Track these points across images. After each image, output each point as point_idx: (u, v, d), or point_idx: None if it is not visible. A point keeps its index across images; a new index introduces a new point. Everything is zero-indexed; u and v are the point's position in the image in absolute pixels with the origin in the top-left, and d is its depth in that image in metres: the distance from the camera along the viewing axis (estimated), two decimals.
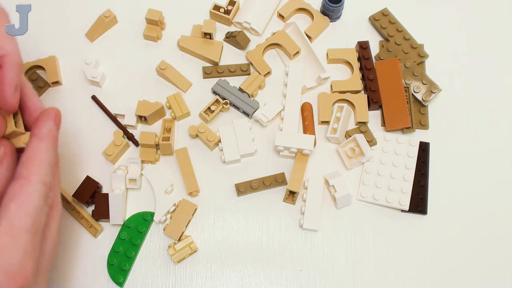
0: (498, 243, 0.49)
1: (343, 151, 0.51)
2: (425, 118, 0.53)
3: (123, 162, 0.51)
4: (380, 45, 0.56)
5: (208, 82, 0.54)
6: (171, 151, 0.51)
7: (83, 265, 0.47)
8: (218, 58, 0.55)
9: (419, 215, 0.49)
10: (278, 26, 0.57)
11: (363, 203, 0.50)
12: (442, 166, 0.51)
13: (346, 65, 0.55)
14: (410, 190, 0.49)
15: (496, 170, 0.51)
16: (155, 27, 0.56)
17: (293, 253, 0.48)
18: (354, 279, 0.47)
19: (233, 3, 0.56)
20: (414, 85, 0.53)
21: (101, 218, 0.48)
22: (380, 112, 0.53)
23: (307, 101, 0.53)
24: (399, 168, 0.50)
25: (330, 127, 0.51)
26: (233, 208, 0.50)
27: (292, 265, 0.47)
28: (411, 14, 0.58)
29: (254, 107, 0.52)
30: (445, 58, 0.56)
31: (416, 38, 0.56)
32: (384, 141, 0.51)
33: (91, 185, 0.49)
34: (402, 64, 0.54)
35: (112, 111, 0.52)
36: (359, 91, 0.53)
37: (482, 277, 0.47)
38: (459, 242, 0.48)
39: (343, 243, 0.48)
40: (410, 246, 0.48)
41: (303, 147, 0.48)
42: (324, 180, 0.49)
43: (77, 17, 0.57)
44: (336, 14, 0.56)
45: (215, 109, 0.51)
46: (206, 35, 0.55)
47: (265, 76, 0.54)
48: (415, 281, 0.47)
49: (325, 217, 0.49)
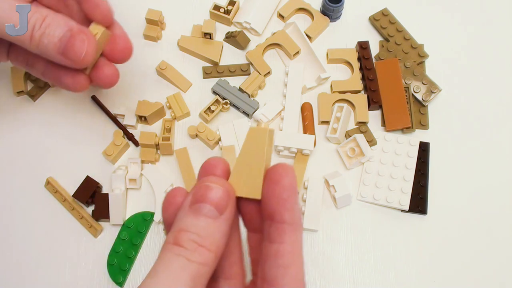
0: (498, 243, 0.49)
1: (343, 151, 0.51)
2: (425, 118, 0.52)
3: (123, 162, 0.51)
4: (380, 45, 0.56)
5: (208, 82, 0.54)
6: (171, 151, 0.51)
7: (83, 265, 0.47)
8: (218, 58, 0.55)
9: (419, 215, 0.49)
10: (278, 26, 0.57)
11: (363, 203, 0.50)
12: (442, 166, 0.51)
13: (346, 65, 0.55)
14: (410, 190, 0.49)
15: (496, 170, 0.51)
16: (155, 27, 0.56)
17: None
18: (354, 279, 0.47)
19: (233, 3, 0.56)
20: (414, 85, 0.53)
21: (101, 218, 0.48)
22: (380, 112, 0.53)
23: (307, 101, 0.53)
24: (399, 168, 0.50)
25: (330, 127, 0.51)
26: None
27: None
28: (411, 14, 0.58)
29: (254, 107, 0.52)
30: (445, 58, 0.56)
31: (416, 38, 0.56)
32: (384, 141, 0.51)
33: (91, 185, 0.49)
34: (402, 64, 0.54)
35: (112, 111, 0.52)
36: (359, 91, 0.53)
37: (482, 277, 0.47)
38: (459, 242, 0.48)
39: (343, 243, 0.48)
40: (410, 246, 0.48)
41: (303, 147, 0.48)
42: (324, 180, 0.49)
43: None
44: (336, 14, 0.56)
45: (215, 109, 0.51)
46: (206, 35, 0.55)
47: (265, 76, 0.54)
48: (415, 281, 0.47)
49: (325, 217, 0.49)
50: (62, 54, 0.37)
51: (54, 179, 0.50)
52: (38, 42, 0.37)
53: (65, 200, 0.49)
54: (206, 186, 0.25)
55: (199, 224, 0.24)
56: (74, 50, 0.36)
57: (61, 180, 0.50)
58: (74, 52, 0.37)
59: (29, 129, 0.52)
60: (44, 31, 0.36)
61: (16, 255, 0.48)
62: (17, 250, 0.48)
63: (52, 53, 0.37)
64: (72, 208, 0.48)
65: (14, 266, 0.47)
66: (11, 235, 0.48)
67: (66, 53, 0.37)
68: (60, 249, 0.48)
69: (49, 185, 0.49)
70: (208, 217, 0.24)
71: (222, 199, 0.25)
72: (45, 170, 0.50)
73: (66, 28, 0.37)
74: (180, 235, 0.24)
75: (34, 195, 0.50)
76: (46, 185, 0.50)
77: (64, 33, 0.36)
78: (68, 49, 0.36)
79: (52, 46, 0.37)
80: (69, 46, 0.36)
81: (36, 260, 0.47)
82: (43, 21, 0.36)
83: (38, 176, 0.50)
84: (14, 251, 0.48)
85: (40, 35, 0.36)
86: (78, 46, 0.36)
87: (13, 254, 0.48)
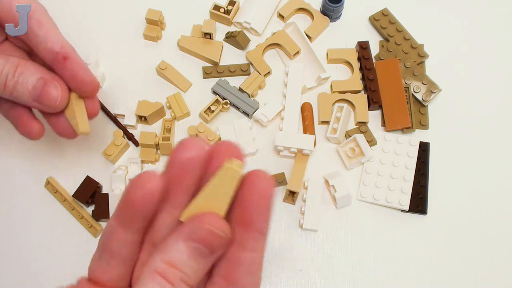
0: (498, 243, 0.49)
1: (343, 151, 0.51)
2: (425, 118, 0.52)
3: (123, 162, 0.51)
4: (380, 45, 0.56)
5: (208, 82, 0.54)
6: (171, 151, 0.50)
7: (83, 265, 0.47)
8: (218, 58, 0.55)
9: (419, 215, 0.49)
10: (278, 26, 0.57)
11: (363, 203, 0.50)
12: (442, 166, 0.51)
13: (346, 65, 0.55)
14: (410, 190, 0.49)
15: (496, 170, 0.51)
16: (155, 27, 0.56)
17: (293, 253, 0.48)
18: (354, 279, 0.47)
19: (233, 3, 0.56)
20: (414, 85, 0.53)
21: (101, 218, 0.48)
22: (380, 112, 0.53)
23: (307, 101, 0.53)
24: (399, 168, 0.50)
25: (330, 127, 0.51)
26: None
27: (292, 265, 0.47)
28: (411, 14, 0.58)
29: (254, 107, 0.52)
30: (445, 58, 0.56)
31: (416, 38, 0.56)
32: (384, 141, 0.51)
33: (91, 185, 0.49)
34: (402, 64, 0.54)
35: (112, 111, 0.52)
36: (359, 91, 0.53)
37: (482, 277, 0.47)
38: (459, 242, 0.48)
39: (343, 243, 0.48)
40: (410, 246, 0.48)
41: (303, 147, 0.48)
42: (324, 180, 0.49)
43: (77, 17, 0.57)
44: (336, 14, 0.56)
45: (215, 109, 0.51)
46: (206, 35, 0.55)
47: (265, 76, 0.54)
48: (415, 281, 0.47)
49: (325, 217, 0.49)
50: (37, 101, 0.39)
51: (54, 179, 0.50)
52: (12, 90, 0.38)
53: (65, 200, 0.49)
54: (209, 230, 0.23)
55: (193, 265, 0.24)
56: (48, 97, 0.38)
57: (61, 180, 0.50)
58: (48, 99, 0.38)
59: None
60: (17, 80, 0.38)
61: (16, 255, 0.48)
62: (17, 250, 0.48)
63: (27, 100, 0.39)
64: (72, 208, 0.48)
65: (14, 266, 0.47)
66: (11, 235, 0.48)
67: (41, 100, 0.38)
68: (60, 249, 0.48)
69: (49, 185, 0.49)
70: (201, 258, 0.24)
71: (222, 246, 0.24)
72: (45, 170, 0.50)
73: (38, 75, 0.38)
74: (170, 270, 0.23)
75: (34, 195, 0.50)
76: (46, 185, 0.50)
77: (37, 81, 0.38)
78: (43, 97, 0.38)
79: (27, 94, 0.38)
80: (44, 93, 0.38)
81: (36, 260, 0.47)
82: (16, 70, 0.38)
83: (38, 176, 0.50)
84: (14, 251, 0.48)
85: (13, 84, 0.38)
86: (52, 93, 0.38)
87: (13, 254, 0.48)
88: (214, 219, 0.24)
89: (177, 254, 0.24)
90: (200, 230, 0.24)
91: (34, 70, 0.39)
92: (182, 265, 0.23)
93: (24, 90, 0.38)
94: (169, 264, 0.23)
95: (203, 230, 0.24)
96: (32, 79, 0.38)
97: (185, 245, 0.24)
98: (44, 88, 0.38)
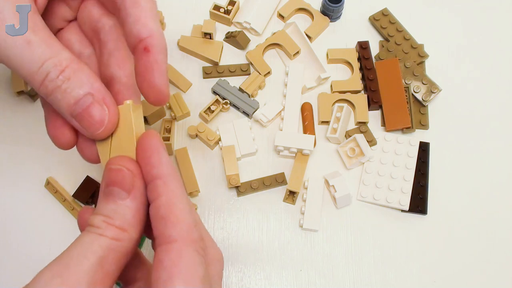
0: (498, 243, 0.49)
1: (343, 151, 0.51)
2: (425, 118, 0.52)
3: None
4: (380, 45, 0.56)
5: (208, 82, 0.54)
6: (171, 151, 0.51)
7: None
8: (218, 58, 0.55)
9: (419, 215, 0.49)
10: (278, 26, 0.57)
11: (363, 203, 0.50)
12: (442, 166, 0.51)
13: (346, 65, 0.55)
14: (410, 190, 0.49)
15: (496, 170, 0.51)
16: None
17: (293, 253, 0.48)
18: (354, 279, 0.47)
19: (233, 3, 0.56)
20: (414, 85, 0.53)
21: None
22: (380, 112, 0.53)
23: (307, 101, 0.53)
24: (399, 168, 0.50)
25: (330, 127, 0.51)
26: (233, 208, 0.50)
27: (292, 265, 0.47)
28: (411, 14, 0.58)
29: (254, 107, 0.52)
30: (445, 58, 0.56)
31: (416, 38, 0.56)
32: (384, 141, 0.51)
33: (91, 185, 0.49)
34: (402, 64, 0.54)
35: None
36: (359, 91, 0.53)
37: (483, 277, 0.47)
38: (459, 242, 0.48)
39: (343, 243, 0.48)
40: (410, 246, 0.48)
41: (303, 147, 0.48)
42: (324, 180, 0.49)
43: None
44: (336, 14, 0.56)
45: (215, 109, 0.51)
46: (206, 35, 0.55)
47: (265, 76, 0.54)
48: (415, 281, 0.47)
49: (325, 217, 0.49)
50: (76, 118, 0.30)
51: (54, 179, 0.50)
52: (49, 92, 0.30)
53: (65, 200, 0.49)
54: (110, 169, 0.27)
55: (109, 207, 0.26)
56: (90, 120, 0.30)
57: (61, 180, 0.50)
58: (90, 123, 0.30)
59: (29, 129, 0.52)
60: (60, 85, 0.29)
61: (16, 255, 0.48)
62: (17, 250, 0.48)
63: (63, 111, 0.30)
64: (72, 208, 0.48)
65: (14, 266, 0.47)
66: (11, 235, 0.48)
67: (80, 120, 0.30)
68: (60, 249, 0.47)
69: (49, 185, 0.49)
70: (117, 199, 0.26)
71: (127, 180, 0.27)
72: (45, 170, 0.50)
73: (87, 89, 0.29)
74: (92, 217, 0.26)
75: (34, 195, 0.50)
76: (46, 185, 0.50)
77: (84, 96, 0.29)
78: (83, 118, 0.30)
79: (66, 106, 0.30)
80: (86, 115, 0.29)
81: (36, 260, 0.47)
82: (62, 72, 0.29)
83: (38, 176, 0.50)
84: (14, 251, 0.48)
85: (54, 87, 0.29)
86: (97, 117, 0.30)
87: (13, 254, 0.48)
88: (117, 159, 0.28)
89: (98, 205, 0.27)
90: (105, 174, 0.27)
91: (86, 80, 0.29)
92: (102, 210, 0.27)
93: (64, 100, 0.29)
94: (93, 216, 0.27)
95: (106, 172, 0.27)
96: (79, 91, 0.29)
97: (101, 193, 0.27)
98: (89, 108, 0.29)
